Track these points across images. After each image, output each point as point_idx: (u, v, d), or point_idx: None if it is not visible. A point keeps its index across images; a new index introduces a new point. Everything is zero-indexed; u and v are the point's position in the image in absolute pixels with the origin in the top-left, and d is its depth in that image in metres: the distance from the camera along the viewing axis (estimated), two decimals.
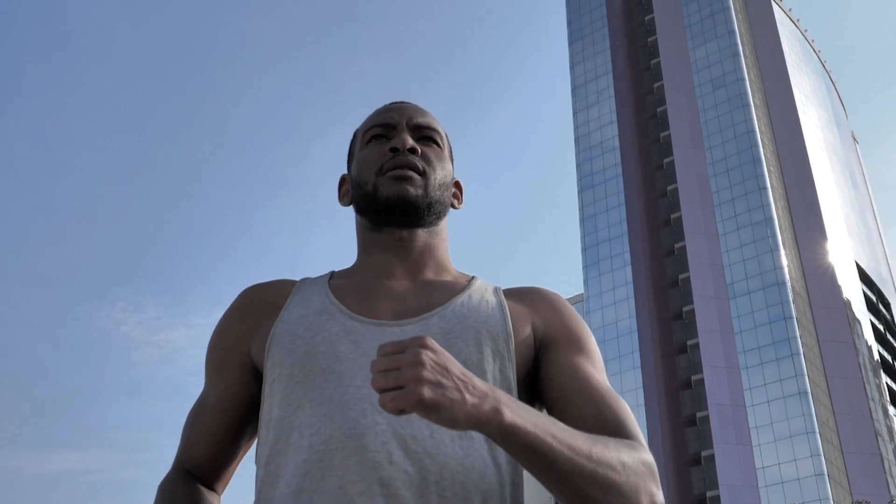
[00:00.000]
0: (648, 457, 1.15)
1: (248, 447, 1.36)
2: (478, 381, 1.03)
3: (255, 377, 1.32)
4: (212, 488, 1.33)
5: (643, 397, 66.59)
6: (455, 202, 1.45)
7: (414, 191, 1.32)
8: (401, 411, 0.98)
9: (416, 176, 1.33)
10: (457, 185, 1.48)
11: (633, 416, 1.23)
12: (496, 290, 1.35)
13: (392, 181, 1.32)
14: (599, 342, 71.39)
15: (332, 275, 1.38)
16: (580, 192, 79.23)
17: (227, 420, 1.31)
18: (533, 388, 1.30)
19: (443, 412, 0.98)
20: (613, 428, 1.19)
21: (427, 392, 0.97)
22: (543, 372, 1.27)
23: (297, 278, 1.35)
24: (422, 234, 1.36)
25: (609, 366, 69.82)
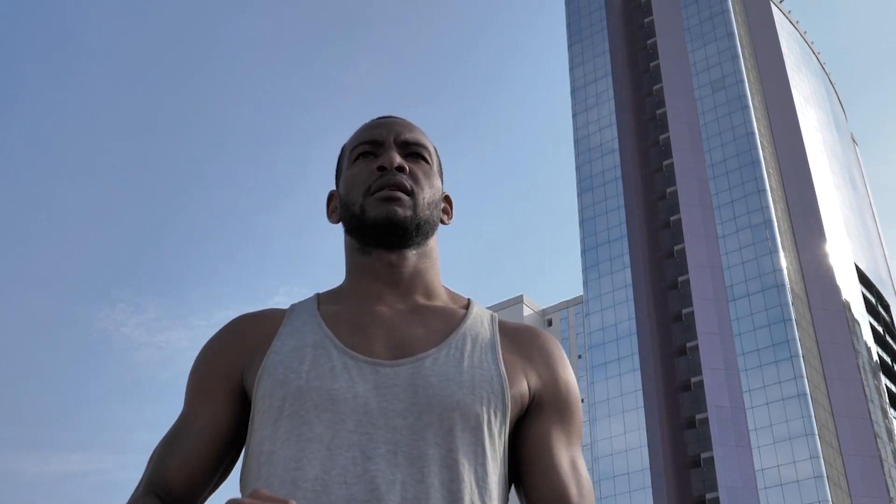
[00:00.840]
0: None
1: (226, 476, 1.31)
2: None
3: (244, 407, 1.27)
4: None
5: (642, 399, 66.71)
6: (444, 218, 1.42)
7: (402, 212, 1.28)
8: None
9: (404, 196, 1.29)
10: (446, 199, 1.45)
11: (588, 488, 1.23)
12: (492, 323, 1.31)
13: (380, 202, 1.28)
14: (599, 344, 71.52)
15: (320, 299, 1.34)
16: (580, 194, 79.38)
17: (211, 447, 1.25)
18: (510, 441, 1.27)
19: None
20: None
21: None
22: (522, 432, 1.25)
23: (293, 283, 1.36)
24: (411, 256, 1.32)
25: (608, 368, 69.95)
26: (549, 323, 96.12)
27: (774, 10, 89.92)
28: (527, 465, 1.22)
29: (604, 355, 70.62)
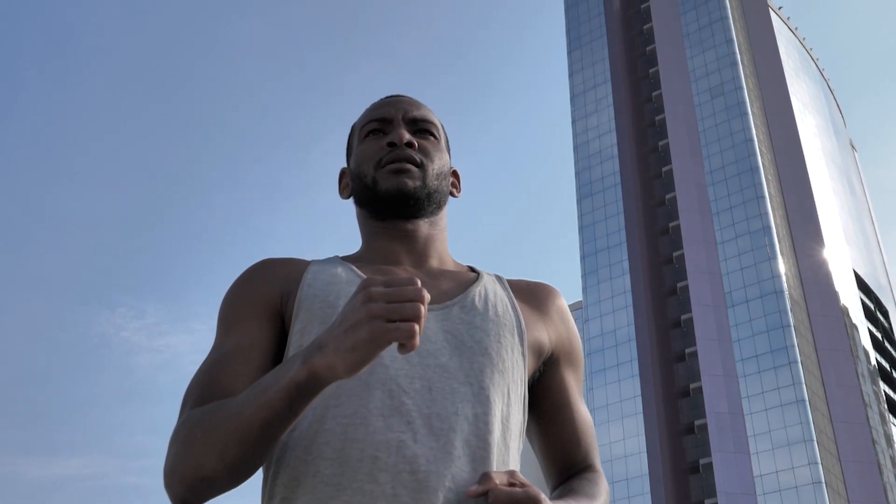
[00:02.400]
0: (606, 484, 1.31)
1: None
2: None
3: (283, 332, 1.29)
4: None
5: (641, 405, 66.85)
6: (454, 191, 1.50)
7: (412, 183, 1.35)
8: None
9: (413, 168, 1.36)
10: (454, 174, 1.52)
11: (595, 439, 1.40)
12: (502, 281, 1.40)
13: (390, 174, 1.35)
14: (598, 350, 71.70)
15: (341, 258, 1.40)
16: (579, 200, 79.58)
17: (260, 362, 1.24)
18: (530, 390, 1.38)
19: None
20: (583, 455, 1.35)
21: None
22: (543, 382, 1.36)
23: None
24: (424, 224, 1.39)
25: (607, 374, 70.10)
26: None
27: (773, 16, 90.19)
28: (549, 414, 1.34)
29: (603, 361, 70.79)
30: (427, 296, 1.01)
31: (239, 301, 1.30)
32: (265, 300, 1.29)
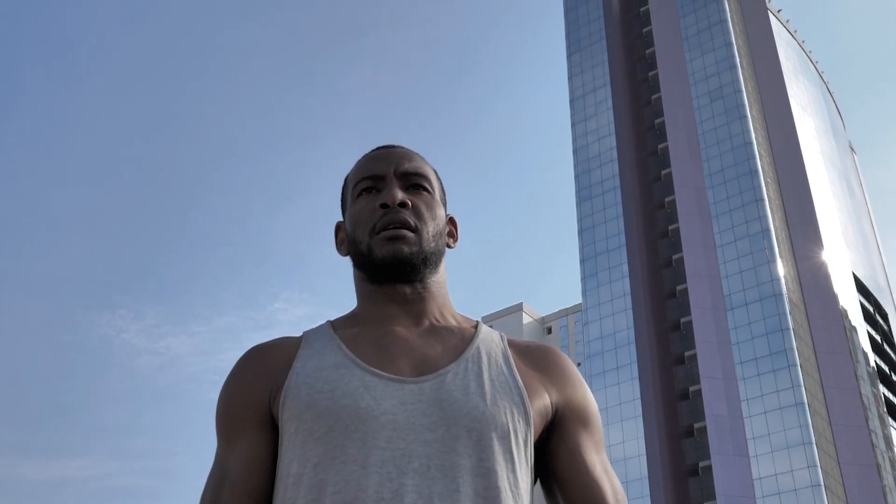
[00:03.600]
0: None
1: None
2: None
3: (276, 433, 1.30)
4: None
5: (641, 408, 66.96)
6: (450, 242, 1.47)
7: (408, 249, 1.32)
8: None
9: (408, 234, 1.33)
10: (451, 221, 1.49)
11: (621, 492, 1.31)
12: (502, 338, 1.38)
13: (385, 242, 1.33)
14: (597, 353, 71.84)
15: (333, 325, 1.38)
16: (578, 203, 79.71)
17: (260, 477, 1.26)
18: (537, 458, 1.34)
19: None
20: None
21: None
22: (552, 447, 1.31)
23: (293, 288, 1.54)
24: (421, 285, 1.37)
25: (607, 377, 70.23)
26: (549, 331, 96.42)
27: (772, 19, 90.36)
28: (563, 480, 1.28)
29: (602, 364, 70.93)
30: None
31: (230, 410, 1.29)
32: (256, 404, 1.28)
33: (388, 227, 1.33)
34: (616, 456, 66.69)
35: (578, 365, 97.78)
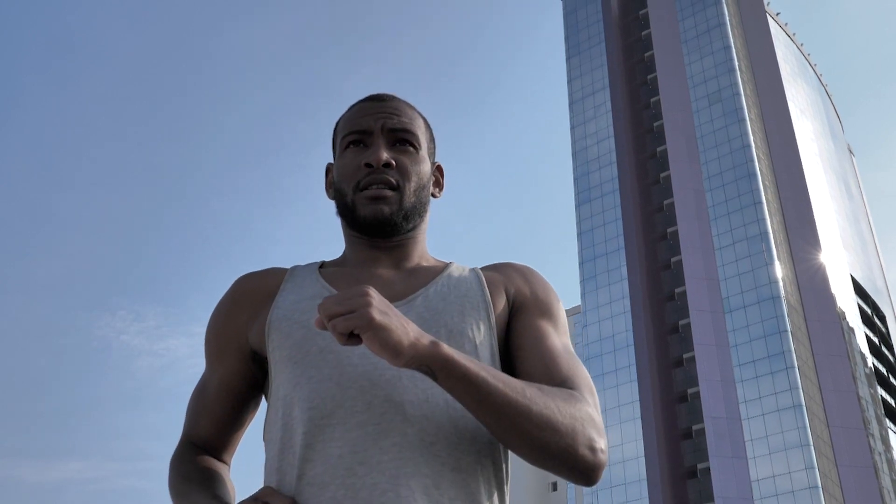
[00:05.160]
0: (591, 409, 1.23)
1: (251, 419, 1.50)
2: (413, 324, 1.16)
3: (255, 361, 1.42)
4: (220, 458, 1.47)
5: (639, 410, 67.18)
6: (435, 191, 1.52)
7: (388, 209, 1.39)
8: (350, 335, 1.10)
9: (389, 193, 1.39)
10: (438, 170, 1.54)
11: (587, 376, 1.32)
12: (473, 269, 1.46)
13: (367, 201, 1.39)
14: (596, 355, 72.04)
15: (323, 264, 1.49)
16: (578, 206, 79.93)
17: (229, 401, 1.44)
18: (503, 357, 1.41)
19: (391, 335, 1.09)
20: (559, 383, 1.28)
21: (378, 314, 1.09)
22: (510, 333, 1.38)
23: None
24: (402, 236, 1.45)
25: (606, 379, 70.44)
26: None
27: (771, 22, 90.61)
28: (523, 355, 1.33)
29: (601, 366, 71.14)
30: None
31: (213, 335, 1.44)
32: (240, 331, 1.42)
33: (370, 186, 1.39)
34: (615, 458, 66.94)
35: None
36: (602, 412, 69.46)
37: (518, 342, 1.35)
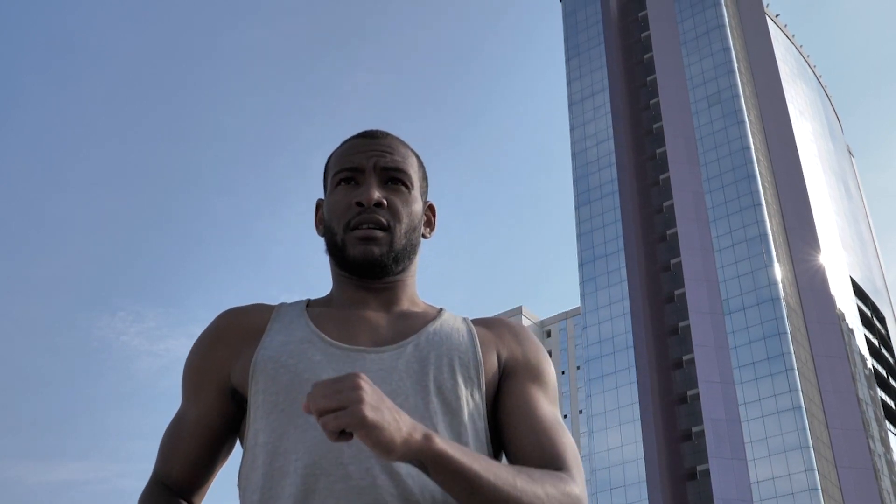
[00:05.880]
0: (577, 489, 1.22)
1: (223, 462, 1.44)
2: (405, 415, 1.11)
3: (234, 400, 1.37)
4: (190, 502, 1.41)
5: (639, 412, 67.25)
6: (426, 231, 1.49)
7: (378, 250, 1.36)
8: (341, 433, 1.05)
9: (380, 234, 1.37)
10: (430, 209, 1.52)
11: (575, 451, 1.31)
12: (465, 319, 1.44)
13: (357, 241, 1.36)
14: (596, 357, 72.11)
15: (309, 302, 1.45)
16: (577, 207, 79.99)
17: (204, 441, 1.38)
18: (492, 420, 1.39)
19: (383, 434, 1.04)
20: (549, 458, 1.27)
21: (370, 412, 1.04)
22: (499, 398, 1.36)
23: (292, 291, 1.66)
24: (391, 278, 1.42)
25: (605, 381, 70.50)
26: (548, 334, 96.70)
27: (770, 23, 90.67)
28: (513, 423, 1.32)
29: (601, 368, 71.20)
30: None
31: (193, 370, 1.39)
32: (222, 368, 1.37)
33: (361, 226, 1.37)
34: (614, 459, 67.01)
35: (577, 368, 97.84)
36: (602, 414, 69.55)
37: (508, 408, 1.32)
